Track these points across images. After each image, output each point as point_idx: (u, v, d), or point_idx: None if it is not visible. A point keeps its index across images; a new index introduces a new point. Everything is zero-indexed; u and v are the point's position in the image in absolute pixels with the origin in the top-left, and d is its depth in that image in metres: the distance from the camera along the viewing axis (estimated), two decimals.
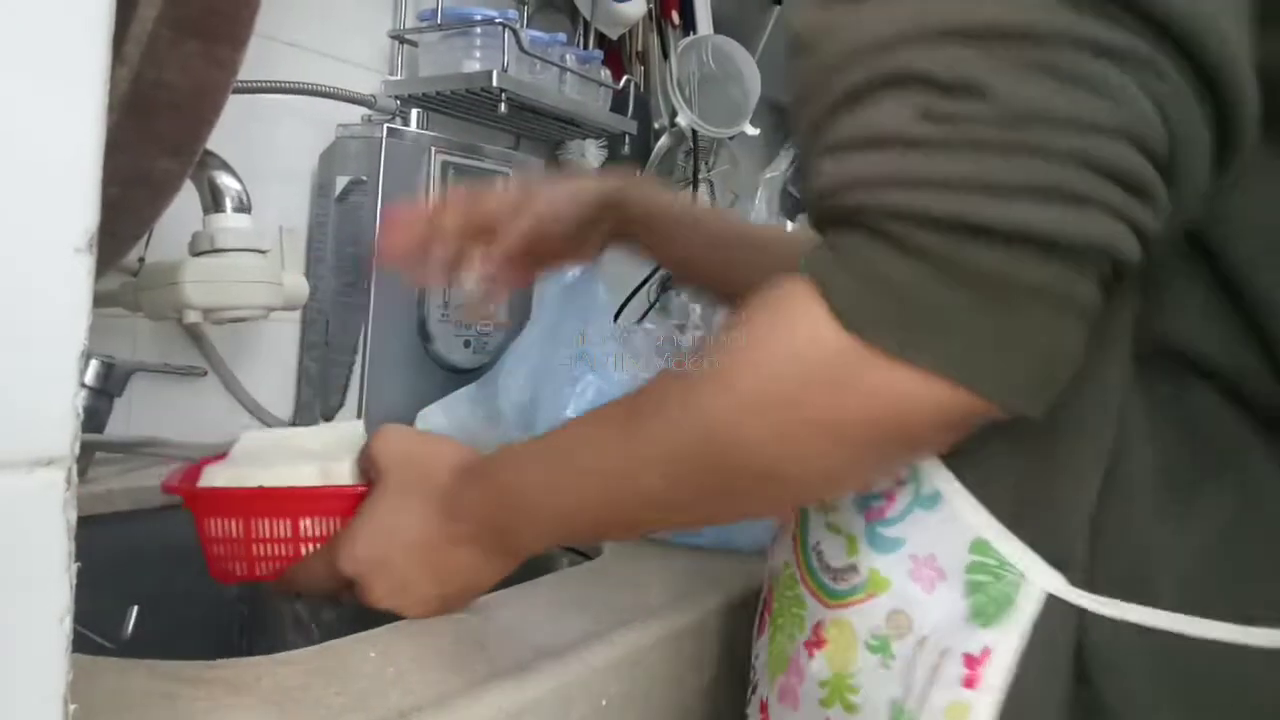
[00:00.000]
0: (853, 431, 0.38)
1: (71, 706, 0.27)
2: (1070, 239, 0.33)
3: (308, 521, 0.56)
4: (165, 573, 0.77)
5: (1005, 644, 0.41)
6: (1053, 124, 0.32)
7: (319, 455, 0.62)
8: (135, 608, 0.64)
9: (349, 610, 0.61)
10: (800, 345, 0.37)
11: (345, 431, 0.66)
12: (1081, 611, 0.40)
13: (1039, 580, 0.41)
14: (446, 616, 0.53)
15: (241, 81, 0.76)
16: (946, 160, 0.33)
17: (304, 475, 0.57)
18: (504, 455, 0.52)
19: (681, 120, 1.31)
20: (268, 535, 0.56)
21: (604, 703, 0.50)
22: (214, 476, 0.58)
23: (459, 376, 1.01)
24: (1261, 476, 0.40)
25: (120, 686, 0.42)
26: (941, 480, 0.43)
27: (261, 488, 0.56)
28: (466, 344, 1.02)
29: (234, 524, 0.56)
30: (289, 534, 0.56)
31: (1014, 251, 0.33)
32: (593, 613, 0.55)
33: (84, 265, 0.26)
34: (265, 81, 0.89)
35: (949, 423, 0.37)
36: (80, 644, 0.28)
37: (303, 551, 0.56)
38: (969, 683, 0.41)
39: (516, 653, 0.49)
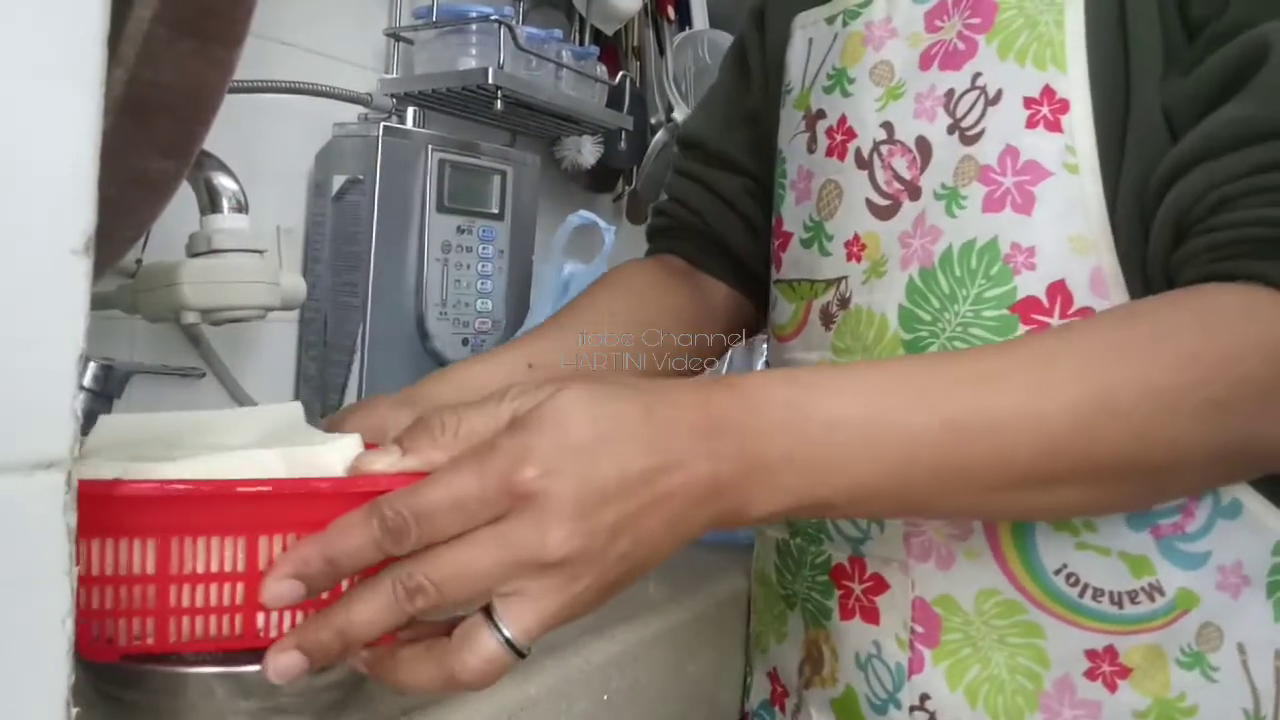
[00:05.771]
0: None
1: (74, 710, 0.27)
2: None
3: (269, 540, 0.34)
4: None
5: None
6: None
7: (260, 442, 0.40)
8: None
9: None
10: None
11: (283, 413, 0.45)
12: None
13: None
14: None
15: (237, 81, 0.76)
16: None
17: (265, 463, 0.36)
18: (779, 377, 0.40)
19: (678, 115, 1.31)
20: (204, 566, 0.34)
21: (605, 698, 0.50)
22: (96, 469, 0.33)
23: None
24: None
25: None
26: (1238, 490, 0.47)
27: (196, 480, 0.33)
28: (465, 341, 1.02)
29: (140, 549, 0.33)
30: (241, 565, 0.34)
31: None
32: None
33: (82, 267, 0.26)
34: (261, 81, 0.89)
35: None
36: None
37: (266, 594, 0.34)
38: None
39: None
